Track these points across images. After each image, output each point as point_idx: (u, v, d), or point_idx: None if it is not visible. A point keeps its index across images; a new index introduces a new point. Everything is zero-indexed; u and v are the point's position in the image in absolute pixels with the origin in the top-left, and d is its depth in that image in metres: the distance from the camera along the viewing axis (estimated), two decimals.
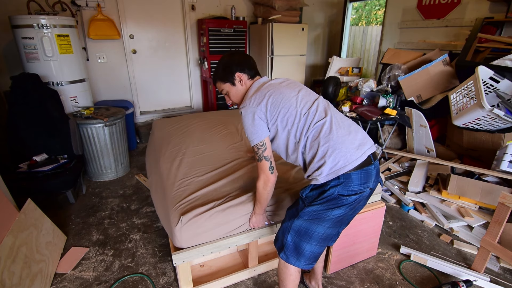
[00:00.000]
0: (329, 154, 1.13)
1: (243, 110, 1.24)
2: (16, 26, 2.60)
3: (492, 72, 2.28)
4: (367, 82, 3.29)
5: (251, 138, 1.23)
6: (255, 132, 1.21)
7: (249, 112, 1.22)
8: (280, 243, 1.29)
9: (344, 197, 1.15)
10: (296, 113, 1.20)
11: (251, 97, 1.25)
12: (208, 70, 4.00)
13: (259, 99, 1.23)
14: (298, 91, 1.27)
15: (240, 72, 1.31)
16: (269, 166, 1.24)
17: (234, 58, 1.34)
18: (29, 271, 1.54)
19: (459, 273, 1.77)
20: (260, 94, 1.24)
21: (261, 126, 1.22)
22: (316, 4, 4.99)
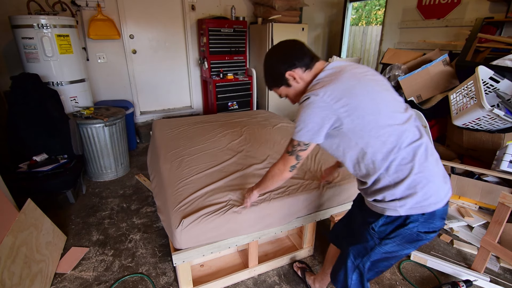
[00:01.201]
0: (422, 186, 0.94)
1: (307, 99, 0.98)
2: (16, 26, 2.60)
3: (492, 72, 2.28)
4: None
5: (299, 133, 1.01)
6: (308, 131, 0.99)
7: (314, 106, 0.96)
8: (342, 283, 1.17)
9: (423, 234, 1.00)
10: (380, 124, 0.95)
11: (322, 87, 0.97)
12: (208, 70, 4.00)
13: (332, 93, 0.95)
14: (385, 90, 1.02)
15: (291, 70, 1.08)
16: (293, 165, 1.11)
17: (277, 56, 1.10)
18: (29, 271, 1.54)
19: (459, 273, 1.77)
20: (335, 87, 0.96)
21: (318, 127, 0.98)
22: (316, 4, 4.99)
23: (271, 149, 2.09)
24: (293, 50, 1.09)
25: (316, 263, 1.87)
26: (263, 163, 1.89)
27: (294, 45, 1.09)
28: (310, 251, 1.93)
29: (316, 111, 0.96)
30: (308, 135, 1.00)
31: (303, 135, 1.01)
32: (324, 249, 1.97)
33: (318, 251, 1.96)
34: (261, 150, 2.09)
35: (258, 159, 1.94)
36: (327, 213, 1.68)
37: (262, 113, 3.06)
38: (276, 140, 2.24)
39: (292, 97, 1.17)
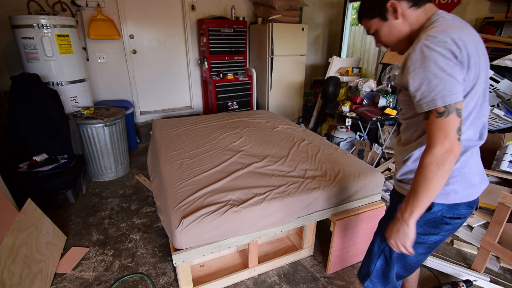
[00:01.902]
0: (455, 181, 0.90)
1: (427, 43, 0.76)
2: (16, 26, 2.60)
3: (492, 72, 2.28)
4: (367, 82, 3.29)
5: (440, 94, 0.76)
6: (454, 85, 0.76)
7: (449, 52, 0.75)
8: (365, 269, 1.11)
9: (449, 219, 0.94)
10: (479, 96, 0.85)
11: (445, 31, 0.77)
12: (208, 70, 4.01)
13: (461, 35, 0.77)
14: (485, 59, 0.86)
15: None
16: (458, 127, 0.77)
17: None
18: (29, 271, 1.54)
19: (459, 273, 1.77)
20: (462, 32, 0.78)
21: (457, 77, 0.76)
22: (316, 4, 4.99)
23: (271, 150, 2.09)
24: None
25: (316, 263, 1.87)
26: (263, 161, 1.89)
27: None
28: (310, 251, 1.93)
29: (441, 56, 0.76)
30: (450, 94, 0.77)
31: (444, 97, 0.77)
32: (324, 249, 1.97)
33: (318, 251, 1.96)
34: (261, 150, 2.09)
35: (258, 158, 1.94)
36: (327, 213, 1.68)
37: (262, 114, 3.06)
38: (276, 142, 2.24)
39: (382, 36, 0.94)
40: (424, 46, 0.77)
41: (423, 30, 0.84)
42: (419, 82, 0.78)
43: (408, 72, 0.80)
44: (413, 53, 0.79)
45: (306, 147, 2.14)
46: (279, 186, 1.61)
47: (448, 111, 0.76)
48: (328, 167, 1.83)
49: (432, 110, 0.78)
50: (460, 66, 0.77)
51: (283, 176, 1.73)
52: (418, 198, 0.82)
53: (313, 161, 1.91)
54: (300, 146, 2.15)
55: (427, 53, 0.76)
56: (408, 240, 0.87)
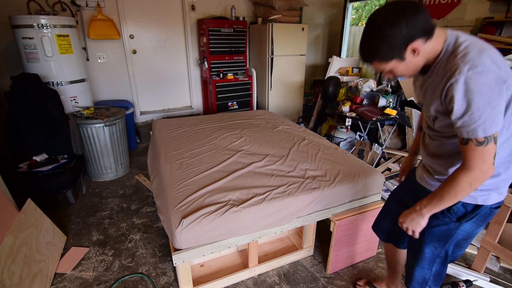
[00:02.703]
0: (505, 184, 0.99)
1: (471, 74, 0.77)
2: (16, 26, 2.60)
3: None
4: (367, 82, 3.29)
5: (482, 126, 0.79)
6: (495, 117, 0.79)
7: (494, 80, 0.77)
8: (420, 277, 1.12)
9: (494, 209, 1.00)
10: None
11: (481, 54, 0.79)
12: (208, 70, 4.01)
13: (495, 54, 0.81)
14: None
15: (414, 41, 0.83)
16: (494, 153, 0.83)
17: (399, 21, 0.81)
18: (29, 271, 1.54)
19: (459, 273, 1.77)
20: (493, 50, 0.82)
21: (500, 107, 0.80)
22: (316, 4, 4.99)
23: (271, 150, 2.09)
24: (419, 14, 0.82)
25: (316, 263, 1.87)
26: (263, 161, 1.89)
27: (418, 9, 0.82)
28: (310, 251, 1.93)
29: (494, 86, 0.78)
30: (496, 123, 0.81)
31: (491, 127, 0.81)
32: (324, 248, 1.97)
33: (318, 251, 1.96)
34: (261, 149, 2.09)
35: (258, 157, 1.94)
36: (327, 213, 1.68)
37: (262, 114, 3.06)
38: (276, 142, 2.24)
39: (398, 71, 0.92)
40: (468, 78, 0.78)
41: (452, 57, 0.84)
42: (462, 112, 0.81)
43: (453, 102, 0.81)
44: (456, 84, 0.79)
45: (306, 147, 2.14)
46: (279, 186, 1.61)
47: (487, 140, 0.81)
48: (328, 167, 1.83)
49: (472, 138, 0.82)
50: (505, 90, 0.79)
51: (283, 176, 1.73)
52: (442, 202, 0.92)
53: (313, 161, 1.91)
54: (300, 146, 2.15)
55: (471, 85, 0.77)
56: (419, 228, 1.00)
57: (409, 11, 0.81)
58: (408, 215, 1.02)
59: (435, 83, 0.89)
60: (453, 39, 0.86)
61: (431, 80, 0.92)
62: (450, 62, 0.83)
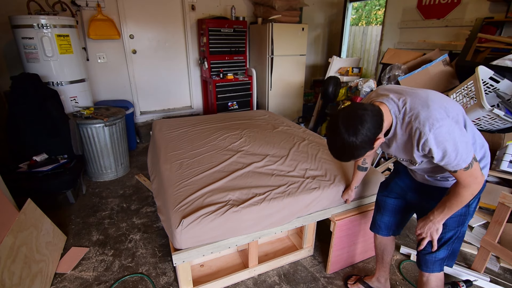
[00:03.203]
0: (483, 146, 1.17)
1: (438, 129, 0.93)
2: (16, 26, 2.60)
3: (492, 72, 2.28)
4: (367, 82, 3.29)
5: (461, 160, 0.96)
6: (467, 147, 0.97)
7: (451, 125, 0.95)
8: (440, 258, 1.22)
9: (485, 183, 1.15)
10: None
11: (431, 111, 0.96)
12: (208, 70, 4.01)
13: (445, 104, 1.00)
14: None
15: (378, 135, 0.98)
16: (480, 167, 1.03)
17: (371, 125, 0.94)
18: (29, 271, 1.54)
19: (459, 273, 1.77)
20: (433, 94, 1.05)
21: (467, 138, 0.99)
22: (316, 4, 4.99)
23: (271, 150, 2.09)
24: (378, 114, 0.97)
25: (316, 263, 1.87)
26: (263, 161, 1.89)
27: (374, 109, 0.98)
28: (310, 251, 1.93)
29: (456, 130, 0.95)
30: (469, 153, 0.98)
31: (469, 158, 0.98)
32: (324, 248, 1.97)
33: (318, 251, 1.96)
34: (261, 150, 2.09)
35: (258, 157, 1.94)
36: (327, 213, 1.68)
37: (262, 114, 3.06)
38: (276, 142, 2.24)
39: (370, 154, 1.24)
40: (434, 135, 0.94)
41: (407, 121, 1.01)
42: (441, 157, 0.97)
43: (431, 153, 0.97)
44: (428, 142, 0.95)
45: (306, 147, 2.14)
46: (279, 186, 1.61)
47: (470, 164, 0.98)
48: (328, 167, 1.83)
49: (457, 170, 0.99)
50: (462, 123, 1.01)
51: (283, 176, 1.73)
52: (452, 211, 1.09)
53: (313, 161, 1.91)
54: (300, 146, 2.15)
55: (439, 138, 0.94)
56: (437, 235, 1.17)
57: (370, 119, 0.94)
58: (425, 225, 1.17)
59: (405, 144, 1.06)
60: (394, 106, 1.03)
61: (397, 140, 1.08)
62: (408, 126, 1.00)
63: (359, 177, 1.58)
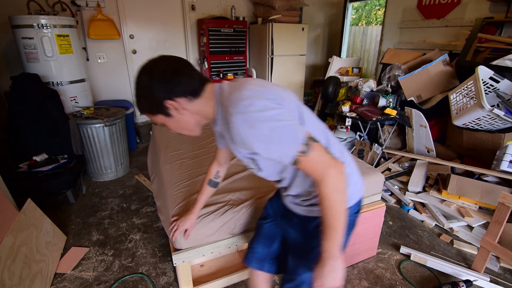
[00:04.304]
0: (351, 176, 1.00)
1: (241, 110, 0.76)
2: (16, 26, 2.60)
3: (492, 72, 2.28)
4: (367, 82, 3.29)
5: (288, 144, 0.75)
6: (292, 128, 0.77)
7: (269, 105, 0.77)
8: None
9: (356, 215, 1.01)
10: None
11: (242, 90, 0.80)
12: (208, 70, 4.01)
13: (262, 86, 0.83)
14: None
15: (171, 99, 0.81)
16: (324, 149, 0.79)
17: (154, 79, 0.80)
18: (29, 271, 1.54)
19: (459, 273, 1.77)
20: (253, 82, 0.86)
21: (290, 117, 0.80)
22: (316, 4, 4.99)
23: None
24: (177, 73, 0.81)
25: None
26: None
27: (179, 66, 0.83)
28: None
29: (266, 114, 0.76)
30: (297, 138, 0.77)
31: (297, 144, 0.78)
32: None
33: None
34: None
35: None
36: None
37: None
38: None
39: (171, 127, 0.90)
40: (240, 116, 0.75)
41: (224, 106, 0.82)
42: (264, 149, 0.77)
43: (251, 147, 0.78)
44: (236, 128, 0.76)
45: None
46: None
47: (307, 146, 0.75)
48: None
49: (295, 158, 0.76)
50: (280, 106, 0.78)
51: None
52: (336, 228, 0.79)
53: None
54: None
55: (250, 118, 0.74)
56: (341, 274, 0.82)
57: (170, 72, 0.80)
58: (322, 273, 0.82)
59: (226, 135, 0.88)
60: (217, 89, 0.86)
61: (221, 131, 0.91)
62: (223, 110, 0.83)
63: (207, 194, 1.28)
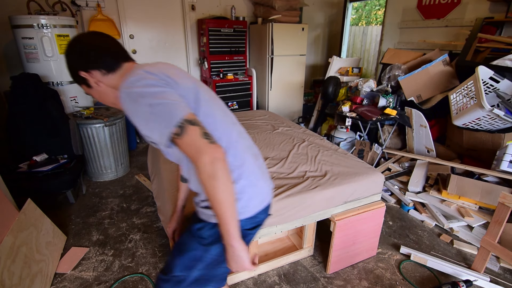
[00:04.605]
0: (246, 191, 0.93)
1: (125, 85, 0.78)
2: (16, 26, 2.60)
3: (492, 72, 2.28)
4: (367, 82, 3.29)
5: (162, 123, 0.75)
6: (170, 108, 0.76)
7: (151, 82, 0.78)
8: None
9: (249, 231, 0.94)
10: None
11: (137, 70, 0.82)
12: (208, 70, 4.01)
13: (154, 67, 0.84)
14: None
15: (85, 71, 0.86)
16: (202, 133, 0.76)
17: (74, 49, 0.87)
18: (29, 271, 1.54)
19: (459, 273, 1.77)
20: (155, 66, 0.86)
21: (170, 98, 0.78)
22: (316, 4, 4.99)
23: (271, 152, 2.09)
24: (93, 47, 0.86)
25: (316, 263, 1.88)
26: None
27: (99, 41, 0.88)
28: (310, 251, 1.93)
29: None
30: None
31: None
32: (324, 248, 1.97)
33: (318, 251, 1.97)
34: (261, 152, 2.09)
35: None
36: (327, 213, 1.68)
37: (262, 114, 3.05)
38: (276, 144, 2.24)
39: (95, 97, 0.95)
40: (126, 91, 0.77)
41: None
42: (134, 116, 0.77)
43: (133, 121, 0.78)
44: (122, 103, 0.78)
45: (306, 148, 2.14)
46: (279, 187, 1.61)
47: (182, 127, 0.74)
48: (328, 168, 1.83)
49: (170, 137, 0.75)
50: (169, 87, 0.78)
51: (282, 178, 1.73)
52: (222, 212, 0.77)
53: (313, 163, 1.91)
54: (300, 148, 2.14)
55: (131, 92, 0.76)
56: (244, 259, 0.85)
57: (87, 46, 0.86)
58: (227, 258, 0.87)
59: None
60: (129, 67, 0.88)
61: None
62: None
63: (184, 190, 1.22)
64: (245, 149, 0.95)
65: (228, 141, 0.88)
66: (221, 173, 0.74)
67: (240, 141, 0.94)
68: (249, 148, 0.97)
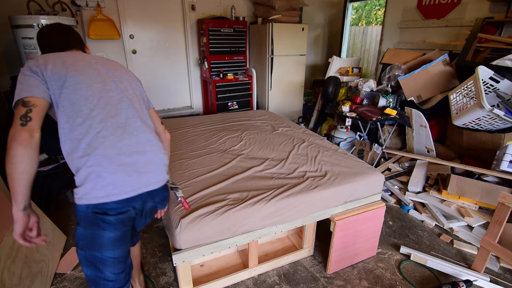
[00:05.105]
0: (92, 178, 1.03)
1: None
2: (16, 26, 2.60)
3: (492, 72, 2.28)
4: (367, 82, 3.29)
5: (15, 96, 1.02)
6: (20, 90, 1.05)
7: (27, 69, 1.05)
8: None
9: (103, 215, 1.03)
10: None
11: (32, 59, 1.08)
12: (208, 70, 4.01)
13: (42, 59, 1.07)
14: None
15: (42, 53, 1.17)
16: (22, 115, 0.97)
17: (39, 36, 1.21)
18: (29, 271, 1.54)
19: (459, 273, 1.77)
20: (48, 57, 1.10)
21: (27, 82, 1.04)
22: (316, 4, 4.99)
23: (271, 153, 2.09)
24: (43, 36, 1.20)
25: (316, 263, 1.88)
26: (262, 165, 1.89)
27: (51, 31, 1.21)
28: (310, 251, 1.93)
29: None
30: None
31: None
32: (324, 248, 1.97)
33: (318, 251, 1.97)
34: (261, 153, 2.09)
35: (258, 161, 1.94)
36: (327, 213, 1.68)
37: (262, 114, 3.06)
38: (276, 144, 2.24)
39: None
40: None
41: None
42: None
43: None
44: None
45: (306, 149, 2.14)
46: (279, 187, 1.61)
47: (15, 107, 0.98)
48: (328, 169, 1.83)
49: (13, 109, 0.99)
50: (34, 75, 1.01)
51: (283, 178, 1.73)
52: (10, 187, 0.97)
53: (313, 163, 1.91)
54: (300, 149, 2.14)
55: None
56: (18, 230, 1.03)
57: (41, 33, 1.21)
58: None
59: None
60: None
61: None
62: None
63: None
64: (104, 142, 1.00)
65: (87, 130, 0.99)
66: (12, 152, 0.90)
67: (102, 132, 1.00)
68: (110, 141, 1.01)
